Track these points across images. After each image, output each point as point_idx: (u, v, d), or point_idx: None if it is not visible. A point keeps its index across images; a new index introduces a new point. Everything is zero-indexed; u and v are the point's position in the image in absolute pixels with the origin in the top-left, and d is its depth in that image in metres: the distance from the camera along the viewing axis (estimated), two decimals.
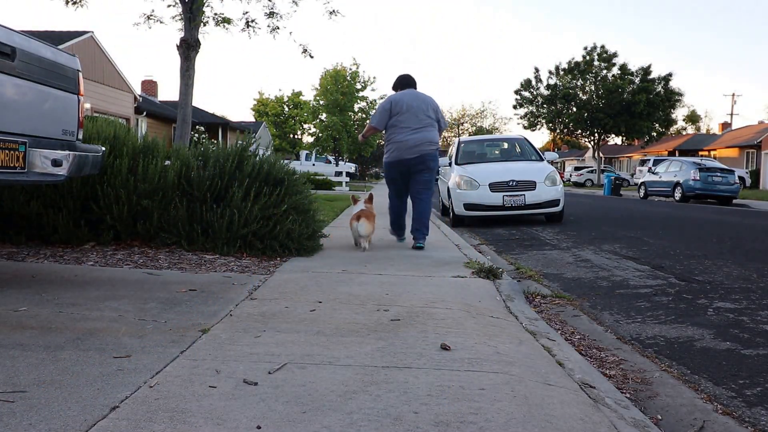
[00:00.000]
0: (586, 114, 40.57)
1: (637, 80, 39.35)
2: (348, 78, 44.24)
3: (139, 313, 3.00)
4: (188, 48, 9.86)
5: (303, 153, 35.82)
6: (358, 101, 45.14)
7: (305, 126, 52.70)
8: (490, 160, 11.65)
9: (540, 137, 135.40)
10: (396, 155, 5.94)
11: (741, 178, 28.15)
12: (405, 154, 5.87)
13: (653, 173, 23.23)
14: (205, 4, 10.04)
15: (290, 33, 27.78)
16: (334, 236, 6.45)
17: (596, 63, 40.25)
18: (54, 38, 19.05)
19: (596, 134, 41.74)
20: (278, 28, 11.05)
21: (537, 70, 42.64)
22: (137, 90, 27.56)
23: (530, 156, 11.39)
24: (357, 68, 44.68)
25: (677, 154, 40.21)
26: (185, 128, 9.94)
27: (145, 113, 27.16)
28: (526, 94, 42.63)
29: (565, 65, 41.22)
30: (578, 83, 41.10)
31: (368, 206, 5.98)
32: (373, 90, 46.77)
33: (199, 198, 4.98)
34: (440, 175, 12.92)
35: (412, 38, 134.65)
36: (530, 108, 42.68)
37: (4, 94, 3.16)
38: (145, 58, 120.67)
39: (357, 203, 6.03)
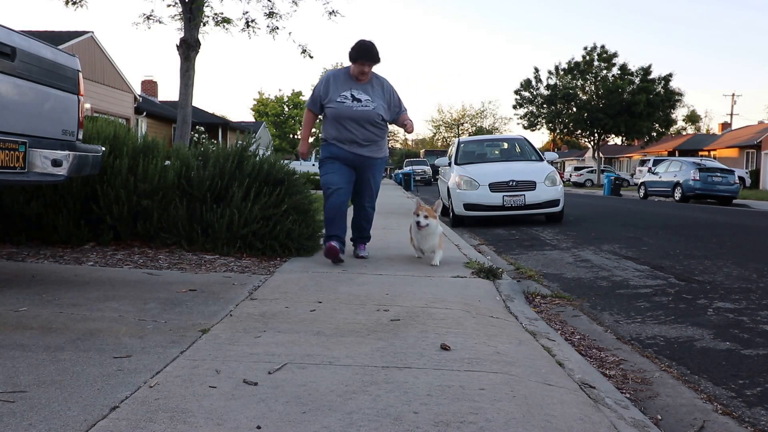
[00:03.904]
0: (586, 114, 40.52)
1: (637, 80, 39.31)
2: None
3: (139, 314, 3.00)
4: (188, 48, 9.87)
5: None
6: None
7: None
8: (490, 160, 11.64)
9: (540, 137, 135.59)
10: None
11: (741, 178, 28.13)
12: None
13: (653, 173, 23.23)
14: (205, 4, 10.04)
15: (290, 33, 27.76)
16: None
17: (596, 63, 40.21)
18: (54, 38, 19.05)
19: (596, 134, 41.69)
20: (278, 28, 11.08)
21: (537, 70, 42.63)
22: (137, 90, 27.57)
23: (530, 156, 11.39)
24: None
25: (677, 154, 40.21)
26: (185, 128, 9.95)
27: (145, 113, 27.16)
28: (526, 94, 42.59)
29: (564, 65, 41.19)
30: (578, 83, 41.05)
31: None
32: None
33: (199, 198, 4.98)
34: (440, 175, 12.92)
35: (412, 38, 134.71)
36: (530, 108, 42.63)
37: (4, 94, 3.16)
38: (145, 58, 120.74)
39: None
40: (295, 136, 53.89)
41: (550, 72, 41.77)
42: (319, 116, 5.18)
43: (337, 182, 4.85)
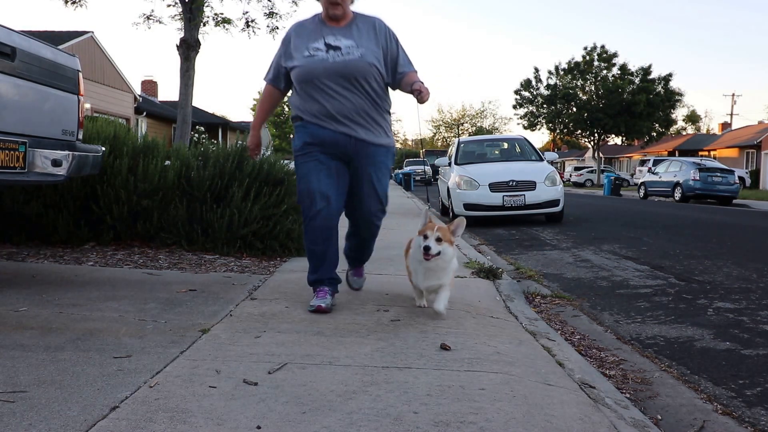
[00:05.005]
0: (586, 114, 40.50)
1: (637, 80, 39.28)
2: None
3: (139, 314, 3.00)
4: (188, 48, 9.87)
5: None
6: None
7: None
8: (490, 160, 11.65)
9: (540, 137, 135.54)
10: None
11: (741, 178, 28.11)
12: None
13: (653, 173, 23.21)
14: (205, 4, 10.05)
15: None
16: None
17: (596, 63, 40.19)
18: (54, 38, 19.04)
19: (596, 134, 41.67)
20: (278, 28, 11.08)
21: (537, 70, 42.58)
22: (137, 90, 27.54)
23: (530, 156, 11.39)
24: None
25: (677, 154, 40.17)
26: (185, 128, 9.95)
27: (145, 113, 27.13)
28: (526, 94, 42.54)
29: (564, 65, 41.16)
30: (578, 83, 41.03)
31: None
32: None
33: (199, 198, 4.98)
34: (440, 175, 12.93)
35: (412, 37, 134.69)
36: (530, 108, 42.61)
37: (4, 94, 3.16)
38: (145, 58, 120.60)
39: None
40: None
41: (550, 72, 41.76)
42: (286, 95, 3.54)
43: (321, 191, 3.12)
